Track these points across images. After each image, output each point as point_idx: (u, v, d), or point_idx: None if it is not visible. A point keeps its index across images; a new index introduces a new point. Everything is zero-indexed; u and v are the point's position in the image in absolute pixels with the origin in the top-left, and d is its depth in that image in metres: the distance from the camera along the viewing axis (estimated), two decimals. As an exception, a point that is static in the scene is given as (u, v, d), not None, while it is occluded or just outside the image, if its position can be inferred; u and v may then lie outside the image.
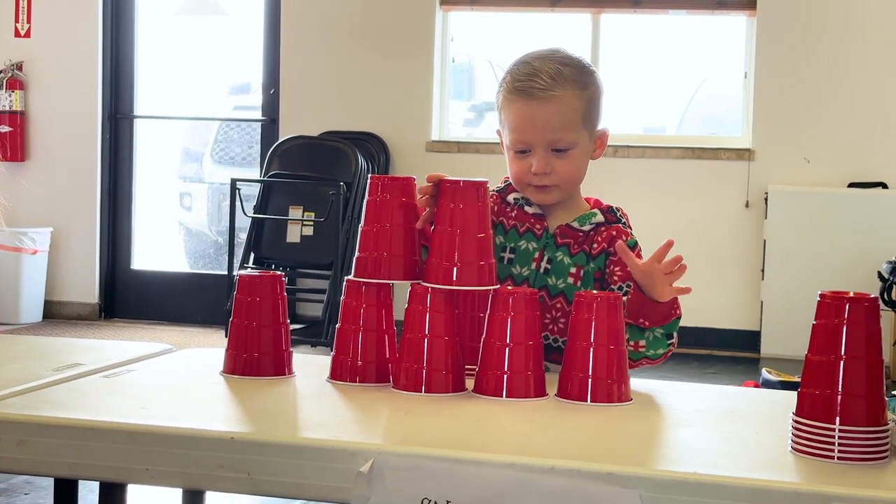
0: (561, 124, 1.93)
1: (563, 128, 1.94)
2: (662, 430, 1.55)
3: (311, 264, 6.32)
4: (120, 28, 6.87)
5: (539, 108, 1.92)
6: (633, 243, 1.98)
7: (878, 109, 5.97)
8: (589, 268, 1.97)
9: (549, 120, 1.93)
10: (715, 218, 6.20)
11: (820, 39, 6.11)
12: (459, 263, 1.70)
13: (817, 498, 1.24)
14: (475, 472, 1.33)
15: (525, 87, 1.92)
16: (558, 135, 1.94)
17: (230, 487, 1.41)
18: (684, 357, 5.86)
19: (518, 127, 1.95)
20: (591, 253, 1.98)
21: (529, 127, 1.94)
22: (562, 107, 1.93)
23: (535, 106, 1.92)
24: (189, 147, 7.98)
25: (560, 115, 1.93)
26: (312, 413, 1.60)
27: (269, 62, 6.75)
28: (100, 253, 6.83)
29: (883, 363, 1.39)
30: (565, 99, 1.93)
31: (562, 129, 1.93)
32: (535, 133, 1.93)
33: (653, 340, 1.85)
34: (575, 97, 1.94)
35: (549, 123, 1.93)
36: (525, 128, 1.94)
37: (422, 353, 1.69)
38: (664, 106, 7.05)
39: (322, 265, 6.19)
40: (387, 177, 1.80)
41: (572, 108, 1.94)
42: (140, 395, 1.63)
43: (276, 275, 1.81)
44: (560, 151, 1.94)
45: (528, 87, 1.92)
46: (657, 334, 1.85)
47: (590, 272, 1.97)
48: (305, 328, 6.34)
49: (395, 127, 6.51)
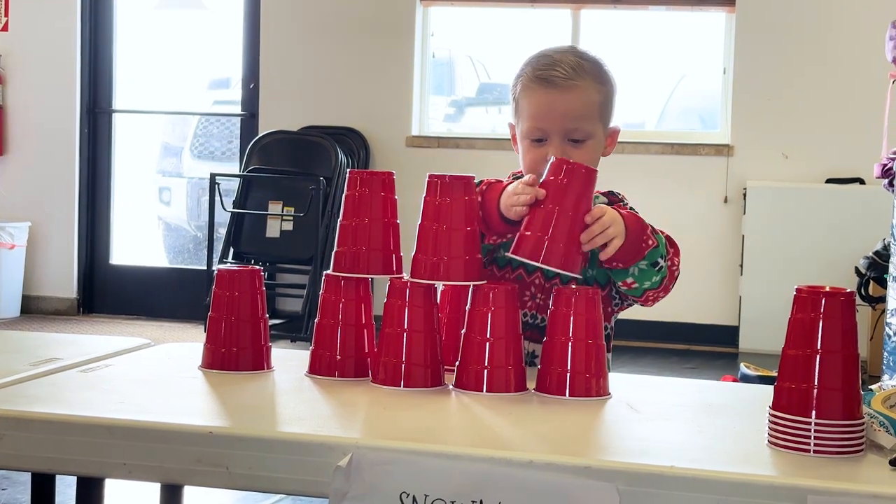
0: (580, 114, 1.94)
1: (582, 117, 1.94)
2: (640, 424, 1.55)
3: (290, 259, 6.31)
4: (99, 22, 6.83)
5: (559, 95, 1.93)
6: None
7: (855, 105, 6.00)
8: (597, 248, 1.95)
9: (569, 108, 1.93)
10: (694, 213, 6.23)
11: (798, 36, 6.14)
12: (446, 258, 1.71)
13: (793, 491, 1.25)
14: (453, 466, 1.34)
15: (546, 76, 1.93)
16: (577, 124, 1.94)
17: (208, 482, 1.41)
18: (663, 352, 5.89)
19: (537, 114, 1.94)
20: None
21: (549, 114, 1.94)
22: (581, 97, 1.94)
23: (555, 94, 1.93)
24: (168, 142, 7.95)
25: (580, 104, 1.94)
26: (291, 407, 1.60)
27: (248, 57, 6.73)
28: (78, 248, 6.80)
29: (858, 357, 1.40)
30: (585, 89, 1.94)
31: (580, 118, 1.94)
32: (554, 121, 1.93)
33: (638, 274, 1.85)
34: (594, 90, 1.96)
35: (568, 111, 1.93)
36: (544, 115, 1.94)
37: (401, 347, 1.69)
38: (644, 102, 7.06)
39: (302, 260, 6.19)
40: (365, 171, 1.81)
41: (591, 99, 1.95)
42: (117, 390, 1.62)
43: (255, 269, 1.80)
44: (576, 142, 1.95)
45: (549, 75, 1.93)
46: (642, 266, 1.85)
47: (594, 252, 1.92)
48: (285, 323, 6.34)
49: (375, 122, 6.50)
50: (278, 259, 6.38)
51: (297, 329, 6.02)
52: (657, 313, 6.17)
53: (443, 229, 1.71)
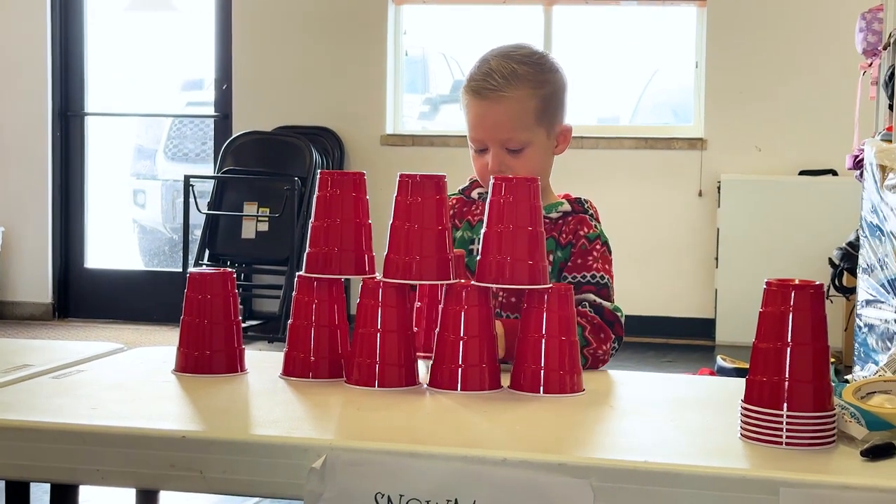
0: (511, 125, 1.95)
1: (514, 128, 1.95)
2: (614, 420, 1.56)
3: (266, 260, 6.30)
4: (69, 24, 6.79)
5: (489, 107, 1.95)
6: (595, 236, 2.00)
7: (827, 97, 6.04)
8: (556, 255, 1.98)
9: (498, 120, 1.95)
10: (668, 207, 6.25)
11: (769, 28, 6.17)
12: (418, 257, 1.70)
13: (765, 484, 1.26)
14: (427, 466, 1.34)
15: (477, 87, 1.96)
16: (509, 134, 1.96)
17: (182, 486, 1.41)
18: (640, 346, 5.91)
19: (473, 125, 1.98)
20: (560, 241, 1.99)
21: (482, 126, 1.97)
22: (512, 107, 1.95)
23: (486, 106, 1.95)
24: (142, 144, 7.92)
25: (510, 115, 1.95)
26: (265, 410, 1.59)
27: (220, 57, 6.71)
28: (52, 252, 6.76)
29: (829, 349, 1.41)
30: (516, 99, 1.95)
31: (512, 129, 1.95)
32: (487, 132, 1.96)
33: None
34: (528, 97, 1.95)
35: (498, 124, 1.95)
36: (478, 126, 1.97)
37: (374, 347, 1.69)
38: (618, 96, 7.08)
39: (278, 261, 6.18)
40: (336, 172, 1.81)
41: (523, 107, 1.95)
42: (90, 396, 1.62)
43: (227, 272, 1.80)
44: (514, 151, 1.96)
45: (480, 86, 1.95)
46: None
47: (556, 261, 1.97)
48: (262, 324, 6.32)
49: (350, 121, 6.49)
50: (254, 260, 6.36)
51: (274, 330, 6.01)
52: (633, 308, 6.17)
53: (414, 229, 1.71)
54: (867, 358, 1.98)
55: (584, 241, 1.99)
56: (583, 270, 1.97)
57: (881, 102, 4.22)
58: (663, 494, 1.27)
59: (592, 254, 1.99)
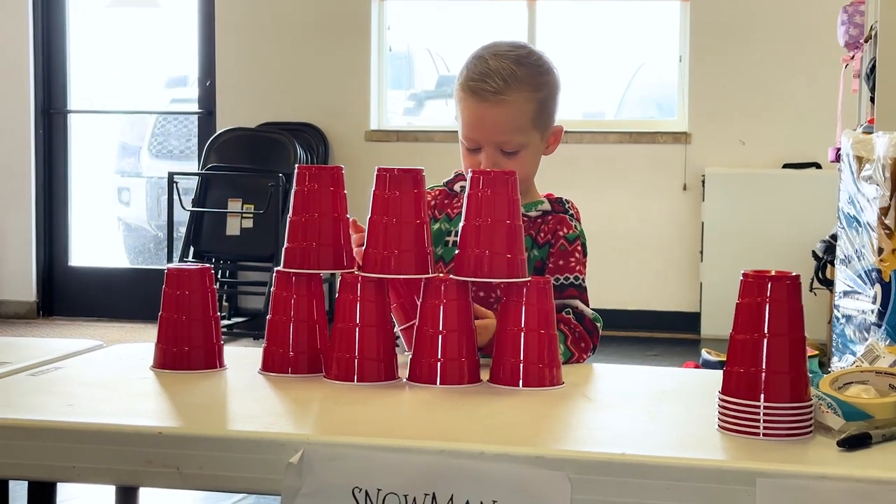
0: (510, 128, 1.95)
1: (512, 131, 1.95)
2: (592, 413, 1.56)
3: (251, 257, 6.29)
4: (51, 21, 6.76)
5: (489, 110, 1.94)
6: (574, 237, 2.00)
7: (810, 90, 6.05)
8: (532, 254, 1.98)
9: (498, 123, 1.94)
10: (653, 201, 6.26)
11: (752, 23, 6.18)
12: (396, 252, 1.70)
13: (743, 474, 1.26)
14: (405, 460, 1.33)
15: (477, 88, 1.93)
16: (506, 137, 1.95)
17: (160, 482, 1.40)
18: (625, 340, 5.91)
19: (469, 125, 1.97)
20: (537, 240, 1.99)
21: (479, 127, 1.95)
22: (511, 111, 1.94)
23: (485, 108, 1.94)
24: (126, 141, 7.89)
25: (509, 119, 1.94)
26: (243, 405, 1.59)
27: (204, 54, 6.69)
28: (36, 250, 6.73)
29: (805, 340, 1.41)
30: (516, 103, 1.94)
31: (510, 132, 1.95)
32: (484, 133, 1.95)
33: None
34: (526, 100, 1.95)
35: (498, 126, 1.94)
36: (475, 127, 1.96)
37: (353, 342, 1.68)
38: (603, 91, 7.09)
39: (263, 257, 6.17)
40: (314, 166, 1.80)
41: (522, 111, 1.95)
42: (67, 393, 1.61)
43: (205, 267, 1.79)
44: (508, 153, 1.96)
45: (480, 87, 1.93)
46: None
47: (532, 260, 1.97)
48: (248, 321, 6.31)
49: (334, 117, 6.48)
50: (239, 257, 6.35)
51: (259, 327, 5.99)
52: (618, 301, 6.21)
53: (392, 223, 1.70)
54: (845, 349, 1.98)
55: (563, 241, 1.99)
56: (565, 272, 1.97)
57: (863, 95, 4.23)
58: (640, 486, 1.27)
59: (574, 255, 1.99)
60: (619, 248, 6.05)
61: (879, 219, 1.89)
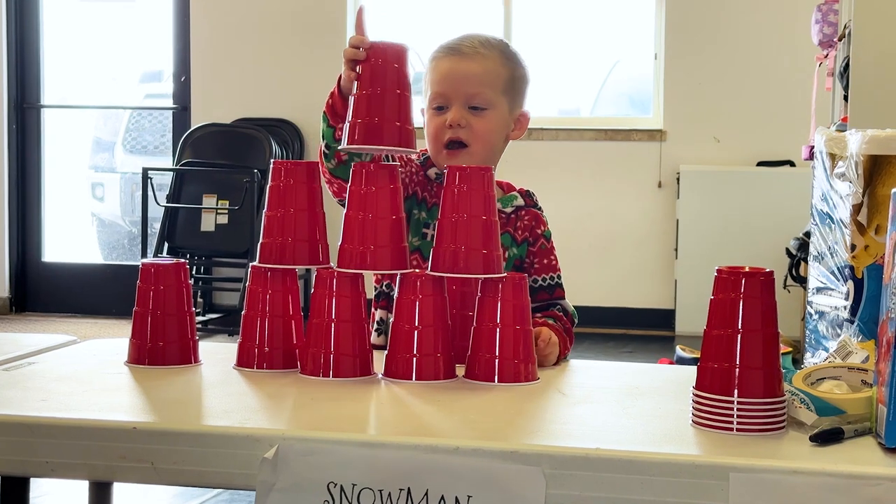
0: (481, 80, 1.97)
1: (484, 83, 1.97)
2: (567, 408, 1.56)
3: (226, 253, 6.27)
4: (24, 15, 6.72)
5: (463, 61, 1.98)
6: (549, 234, 2.04)
7: (784, 88, 6.08)
8: (512, 252, 1.98)
9: (471, 73, 1.97)
10: (628, 198, 6.27)
11: (727, 20, 6.20)
12: (372, 247, 1.70)
13: (716, 469, 1.26)
14: (380, 455, 1.33)
15: (454, 45, 2.00)
16: (478, 88, 1.97)
17: (133, 478, 1.39)
18: (600, 337, 5.93)
19: (440, 80, 1.99)
20: (515, 237, 2.00)
21: (451, 79, 1.98)
22: (486, 64, 1.98)
23: (458, 60, 1.98)
24: (100, 136, 7.84)
25: (482, 70, 1.98)
26: (217, 401, 1.58)
27: (179, 49, 6.66)
28: (9, 246, 6.69)
29: (778, 336, 1.42)
30: (491, 59, 1.99)
31: (481, 84, 1.97)
32: (456, 84, 1.97)
33: None
34: (499, 63, 2.00)
35: (470, 77, 1.97)
36: (447, 80, 1.98)
37: (328, 337, 1.68)
38: (578, 88, 7.10)
39: (237, 253, 6.15)
40: (289, 161, 1.79)
41: (495, 69, 1.99)
42: (40, 388, 1.60)
43: (180, 262, 1.78)
44: (477, 109, 1.96)
45: (457, 45, 2.00)
46: None
47: (511, 258, 1.98)
48: (223, 317, 6.29)
49: (309, 113, 6.46)
50: (214, 253, 6.33)
51: (234, 323, 5.98)
52: (593, 299, 6.23)
53: (368, 218, 1.71)
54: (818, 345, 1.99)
55: (542, 240, 2.01)
56: (550, 271, 2.01)
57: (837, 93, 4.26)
58: (615, 480, 1.27)
59: (553, 252, 2.03)
60: (594, 244, 6.06)
61: (852, 216, 1.90)
